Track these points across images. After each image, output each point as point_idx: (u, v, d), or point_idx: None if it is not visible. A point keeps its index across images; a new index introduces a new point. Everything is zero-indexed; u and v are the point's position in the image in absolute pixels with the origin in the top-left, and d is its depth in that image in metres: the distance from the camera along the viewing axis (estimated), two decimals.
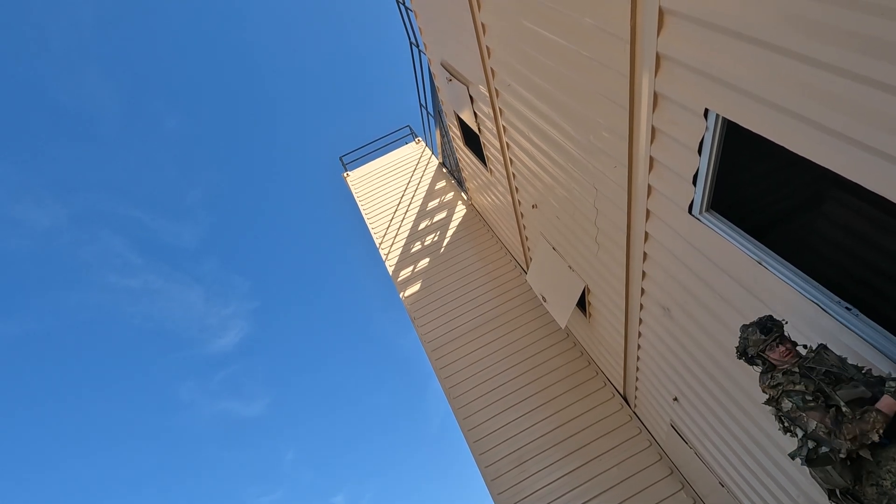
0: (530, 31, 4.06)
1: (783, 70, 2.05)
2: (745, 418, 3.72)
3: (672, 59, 2.66)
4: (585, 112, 3.85)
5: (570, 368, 7.58)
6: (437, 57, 7.45)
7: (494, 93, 5.65)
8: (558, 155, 4.76)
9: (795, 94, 2.05)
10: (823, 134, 2.01)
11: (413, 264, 9.95)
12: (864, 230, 4.48)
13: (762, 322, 2.45)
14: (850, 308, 2.44)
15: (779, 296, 2.76)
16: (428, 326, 8.81)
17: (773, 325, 2.42)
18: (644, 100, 3.05)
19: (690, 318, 3.83)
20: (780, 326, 2.41)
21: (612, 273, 4.88)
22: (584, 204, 4.72)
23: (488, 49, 5.20)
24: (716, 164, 2.82)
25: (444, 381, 8.00)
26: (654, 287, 4.19)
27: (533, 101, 4.72)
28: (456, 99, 7.40)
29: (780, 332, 2.38)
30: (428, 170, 11.96)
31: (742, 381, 3.53)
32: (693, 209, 3.11)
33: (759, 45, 2.10)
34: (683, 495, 6.04)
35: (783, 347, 2.34)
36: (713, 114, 2.57)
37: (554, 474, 6.64)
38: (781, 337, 2.37)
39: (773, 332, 2.38)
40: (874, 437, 1.94)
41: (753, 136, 2.44)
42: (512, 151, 6.14)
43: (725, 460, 4.47)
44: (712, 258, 3.18)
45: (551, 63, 3.98)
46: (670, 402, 5.09)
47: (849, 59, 1.77)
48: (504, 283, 9.05)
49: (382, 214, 11.19)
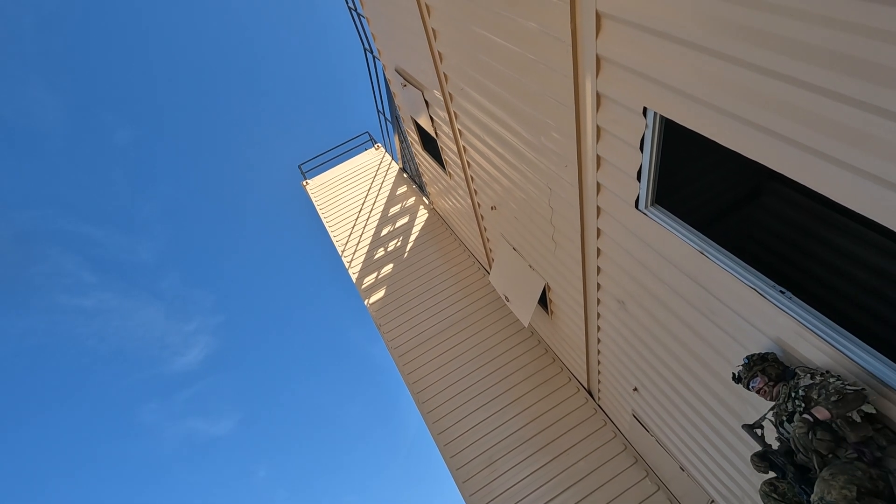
0: (479, 36, 4.13)
1: (711, 69, 2.17)
2: (699, 403, 3.88)
3: (610, 60, 2.77)
4: (535, 114, 3.95)
5: (536, 366, 7.70)
6: (392, 63, 7.47)
7: (449, 97, 5.71)
8: (513, 156, 4.85)
9: (723, 92, 2.17)
10: (750, 129, 2.14)
11: (377, 271, 9.89)
12: (795, 219, 4.76)
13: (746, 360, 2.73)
14: (784, 291, 2.59)
15: (721, 283, 2.90)
16: (394, 332, 8.77)
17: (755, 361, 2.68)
18: (588, 100, 3.16)
19: (643, 310, 3.97)
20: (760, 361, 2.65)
21: (569, 270, 5.00)
22: (540, 204, 4.82)
23: (440, 54, 5.25)
24: (657, 160, 2.94)
25: (412, 386, 7.97)
26: (608, 281, 4.32)
27: (486, 105, 4.79)
28: (412, 104, 7.42)
29: (761, 368, 2.62)
30: (388, 175, 11.93)
31: (695, 368, 3.68)
32: (639, 204, 3.23)
33: (688, 46, 2.22)
34: (648, 482, 6.22)
35: (760, 383, 2.62)
36: (651, 112, 2.69)
37: (524, 471, 6.72)
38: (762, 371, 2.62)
39: (753, 368, 2.66)
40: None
41: (691, 133, 2.56)
42: (469, 154, 6.21)
43: (684, 445, 4.64)
44: (659, 250, 3.31)
45: (501, 67, 4.06)
46: (631, 393, 5.24)
47: (769, 58, 1.90)
48: (468, 285, 9.11)
49: (344, 222, 11.07)
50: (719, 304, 3.01)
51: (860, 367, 2.28)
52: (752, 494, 3.80)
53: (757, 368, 2.63)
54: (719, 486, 4.37)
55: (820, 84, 1.76)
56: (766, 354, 2.68)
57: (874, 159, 1.72)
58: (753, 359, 2.68)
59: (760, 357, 2.67)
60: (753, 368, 2.65)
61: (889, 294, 4.11)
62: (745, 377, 2.70)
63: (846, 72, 1.66)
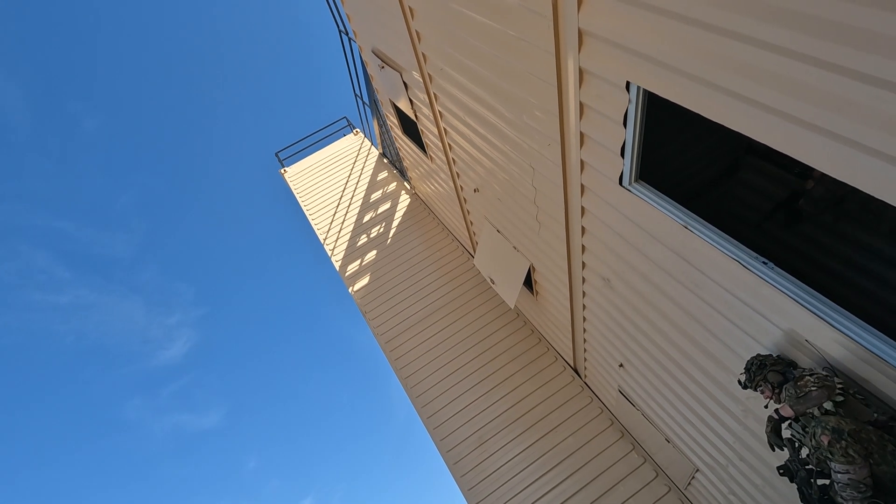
0: (457, 13, 4.04)
1: (693, 40, 2.15)
2: (684, 376, 3.95)
3: (593, 34, 2.73)
4: (517, 92, 3.90)
5: (523, 346, 7.77)
6: (368, 44, 7.30)
7: (428, 78, 5.61)
8: (495, 137, 4.80)
9: (706, 63, 2.16)
10: (734, 100, 2.13)
11: (360, 258, 9.80)
12: (776, 192, 4.83)
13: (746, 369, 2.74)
14: (767, 262, 2.63)
15: (705, 256, 2.93)
16: (380, 319, 8.74)
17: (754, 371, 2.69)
18: (570, 76, 3.12)
19: (628, 286, 4.00)
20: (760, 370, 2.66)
21: (554, 249, 5.02)
22: (523, 184, 4.80)
23: (418, 33, 5.13)
24: (641, 135, 2.93)
25: (399, 371, 7.98)
26: (593, 259, 4.34)
27: (466, 84, 4.72)
28: (391, 87, 7.28)
29: (762, 377, 2.64)
30: (368, 161, 11.77)
31: (679, 341, 3.74)
32: (623, 180, 3.23)
33: (670, 16, 2.19)
34: (635, 455, 6.37)
35: (767, 394, 2.63)
36: (634, 86, 2.66)
37: (514, 450, 6.81)
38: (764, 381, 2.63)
39: (755, 379, 2.68)
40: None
41: (674, 107, 2.55)
42: (450, 137, 6.14)
43: (669, 417, 4.74)
44: (643, 226, 3.32)
45: (480, 44, 3.98)
46: (617, 369, 5.33)
47: (751, 26, 1.88)
48: (453, 268, 9.10)
49: (325, 209, 10.92)
50: (703, 277, 3.04)
51: (842, 335, 2.33)
52: (737, 462, 3.91)
53: (759, 378, 2.66)
54: (703, 456, 4.48)
55: (800, 50, 1.75)
56: (764, 360, 2.69)
57: (854, 125, 1.72)
58: (752, 369, 2.71)
59: (759, 365, 2.69)
60: (755, 379, 2.68)
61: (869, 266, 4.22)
62: (750, 385, 2.73)
63: (826, 37, 1.65)
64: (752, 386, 2.73)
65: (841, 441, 2.13)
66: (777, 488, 3.58)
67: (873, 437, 2.14)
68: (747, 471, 3.83)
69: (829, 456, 2.17)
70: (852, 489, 2.12)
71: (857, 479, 2.11)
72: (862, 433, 2.14)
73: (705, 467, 4.63)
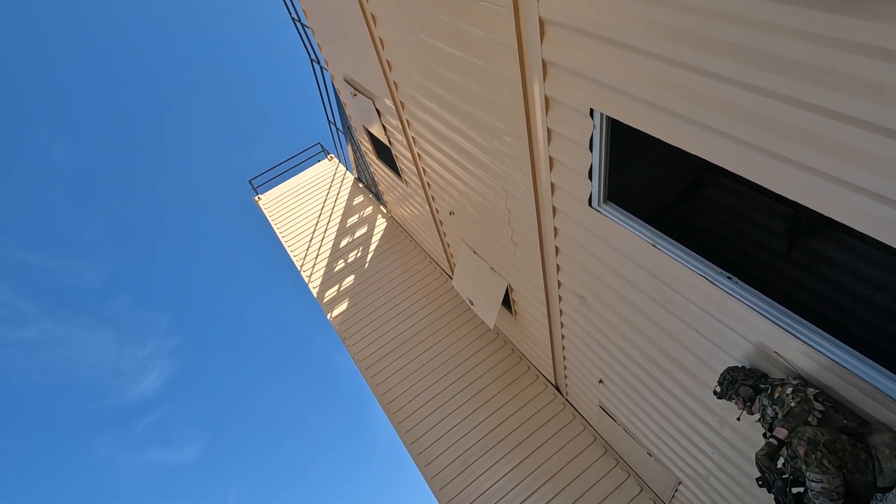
0: (426, 44, 4.16)
1: (649, 70, 2.27)
2: (661, 390, 4.03)
3: (556, 64, 2.85)
4: (487, 118, 4.00)
5: (504, 366, 7.78)
6: (340, 72, 7.39)
7: (400, 105, 5.71)
8: (468, 161, 4.90)
9: (662, 92, 2.28)
10: (690, 126, 2.25)
11: (338, 283, 9.72)
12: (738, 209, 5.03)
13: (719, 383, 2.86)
14: (731, 277, 2.73)
15: (673, 273, 3.03)
16: (359, 345, 8.65)
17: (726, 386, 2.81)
18: (537, 103, 3.23)
19: (603, 304, 4.09)
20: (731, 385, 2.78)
21: (530, 269, 5.09)
22: (497, 206, 4.89)
23: (389, 63, 5.24)
24: (607, 158, 3.05)
25: (381, 397, 7.88)
26: (568, 278, 4.42)
27: (438, 111, 4.82)
28: (363, 113, 7.37)
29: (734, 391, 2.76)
30: (344, 186, 11.78)
31: (655, 356, 3.82)
32: (592, 202, 3.33)
33: (627, 48, 2.31)
34: (619, 470, 6.39)
35: (739, 406, 2.76)
36: (598, 113, 2.78)
37: (499, 472, 6.75)
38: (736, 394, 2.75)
39: (728, 392, 2.79)
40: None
41: (636, 132, 2.67)
42: (424, 161, 6.23)
43: (649, 431, 4.80)
44: (614, 245, 3.42)
45: (450, 73, 4.10)
46: (597, 385, 5.38)
47: (701, 58, 2.00)
48: (431, 291, 9.10)
49: (301, 235, 10.84)
50: (673, 293, 3.14)
51: (807, 346, 2.43)
52: (716, 473, 3.97)
53: (731, 392, 2.79)
54: (685, 468, 4.54)
55: (749, 81, 1.88)
56: (735, 375, 2.81)
57: (802, 149, 1.84)
58: (724, 383, 2.83)
59: (730, 381, 2.80)
60: (728, 392, 2.81)
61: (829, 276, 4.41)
62: (724, 396, 2.86)
63: (771, 70, 1.78)
64: (726, 397, 2.84)
65: (816, 452, 2.20)
66: (756, 496, 3.65)
67: (847, 446, 2.21)
68: (727, 480, 3.90)
69: (805, 466, 2.23)
70: (825, 497, 2.19)
71: (830, 487, 2.17)
72: (837, 443, 2.21)
73: (687, 479, 4.68)
